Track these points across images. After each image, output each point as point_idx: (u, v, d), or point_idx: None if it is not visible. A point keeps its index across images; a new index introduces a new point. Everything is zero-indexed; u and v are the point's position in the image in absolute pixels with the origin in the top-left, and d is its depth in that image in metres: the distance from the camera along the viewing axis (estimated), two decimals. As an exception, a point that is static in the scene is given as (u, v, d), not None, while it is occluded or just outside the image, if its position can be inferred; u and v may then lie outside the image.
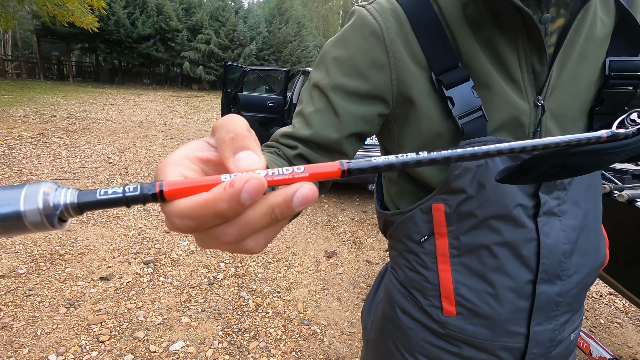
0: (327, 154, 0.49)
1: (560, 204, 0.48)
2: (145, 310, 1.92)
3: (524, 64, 0.45)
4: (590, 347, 1.41)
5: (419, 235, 0.52)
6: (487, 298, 0.49)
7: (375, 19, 0.46)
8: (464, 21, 0.45)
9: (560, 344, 0.54)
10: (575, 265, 0.50)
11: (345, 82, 0.47)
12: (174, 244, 2.66)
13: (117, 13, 14.90)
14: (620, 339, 2.06)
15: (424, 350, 0.55)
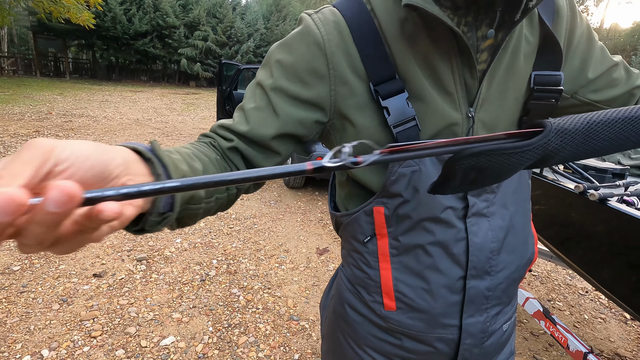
0: (262, 150, 0.50)
1: (489, 206, 0.52)
2: (137, 306, 1.95)
3: (457, 78, 0.48)
4: (568, 341, 1.46)
5: (362, 236, 0.56)
6: (422, 294, 0.53)
7: (319, 29, 0.48)
8: (402, 36, 0.47)
9: (492, 335, 0.58)
10: (503, 262, 0.54)
11: (287, 86, 0.49)
12: (167, 242, 2.69)
13: (113, 9, 14.83)
14: (603, 333, 2.11)
15: (369, 342, 0.59)
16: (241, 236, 2.91)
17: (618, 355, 1.93)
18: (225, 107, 4.70)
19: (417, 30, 0.47)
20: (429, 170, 0.49)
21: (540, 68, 0.52)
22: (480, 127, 0.51)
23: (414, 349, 0.57)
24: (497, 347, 0.60)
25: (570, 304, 2.39)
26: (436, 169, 0.49)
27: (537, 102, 0.51)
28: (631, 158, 1.98)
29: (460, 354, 0.56)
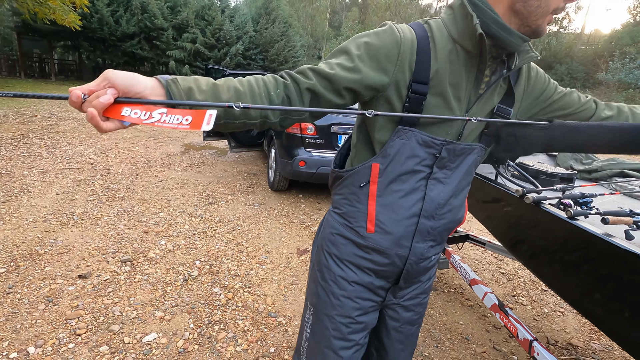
0: (333, 92, 0.72)
1: (446, 177, 0.81)
2: (121, 305, 2.04)
3: (467, 93, 0.77)
4: (517, 331, 1.60)
5: (361, 182, 0.82)
6: (393, 222, 0.81)
7: (400, 34, 0.72)
8: (447, 58, 0.74)
9: (425, 260, 0.88)
10: (444, 214, 0.84)
11: (368, 59, 0.71)
12: (151, 244, 2.77)
13: (100, 11, 14.72)
14: (560, 325, 2.27)
15: (349, 258, 0.88)
16: (224, 238, 3.01)
17: (571, 344, 2.09)
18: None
19: (456, 58, 0.74)
20: (413, 144, 0.76)
21: (502, 103, 0.82)
22: (468, 128, 0.80)
23: (379, 262, 0.85)
24: (424, 270, 0.91)
25: (533, 299, 2.55)
26: (419, 146, 0.77)
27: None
28: (582, 163, 2.15)
29: (406, 267, 0.85)
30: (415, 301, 0.96)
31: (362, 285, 0.88)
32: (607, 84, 14.26)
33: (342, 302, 0.88)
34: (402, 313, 0.95)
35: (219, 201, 3.85)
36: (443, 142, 0.77)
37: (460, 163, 0.81)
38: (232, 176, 4.78)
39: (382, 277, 0.88)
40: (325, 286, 0.90)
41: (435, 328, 2.12)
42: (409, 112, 0.74)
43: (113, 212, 3.28)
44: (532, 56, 0.76)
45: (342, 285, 0.88)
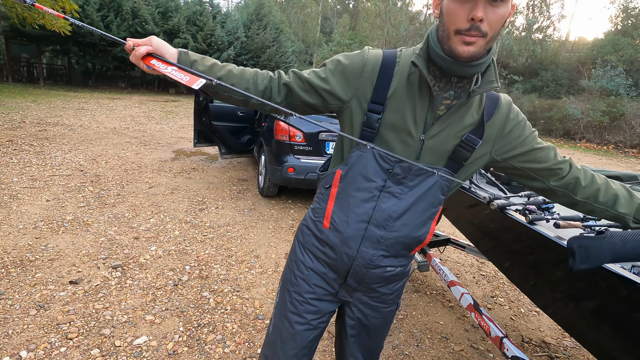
0: (304, 92, 0.89)
1: (402, 193, 0.87)
2: (112, 310, 2.09)
3: (424, 115, 0.83)
4: (490, 329, 1.70)
5: (327, 184, 0.94)
6: (344, 223, 0.91)
7: (367, 57, 0.86)
8: (406, 81, 0.84)
9: (377, 268, 0.93)
10: (397, 227, 0.89)
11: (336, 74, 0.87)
12: (142, 249, 2.83)
13: (90, 16, 14.68)
14: (535, 324, 2.39)
15: (309, 246, 1.01)
16: (214, 243, 3.08)
17: (544, 342, 2.21)
18: (201, 118, 4.86)
19: (414, 81, 0.83)
20: (370, 157, 0.86)
21: (471, 132, 0.86)
22: (427, 149, 0.85)
23: (330, 255, 0.96)
24: (380, 279, 0.96)
25: (510, 299, 2.67)
26: (375, 160, 0.85)
27: (460, 149, 0.86)
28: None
29: (353, 267, 0.93)
30: (373, 308, 1.01)
31: (316, 273, 0.99)
32: (590, 90, 14.67)
33: (299, 282, 1.01)
34: (357, 314, 1.02)
35: (209, 207, 3.91)
36: (397, 160, 0.84)
37: (419, 183, 0.86)
38: (223, 182, 4.84)
39: (334, 271, 0.98)
40: (290, 265, 1.05)
41: (416, 328, 2.22)
42: (365, 127, 0.86)
43: (103, 218, 3.32)
44: (494, 86, 0.80)
45: (301, 268, 1.01)
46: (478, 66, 0.76)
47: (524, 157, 0.91)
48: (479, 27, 0.70)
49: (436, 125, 0.83)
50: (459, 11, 0.70)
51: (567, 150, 12.07)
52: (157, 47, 0.80)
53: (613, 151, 12.64)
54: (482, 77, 0.81)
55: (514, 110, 0.90)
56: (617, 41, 16.17)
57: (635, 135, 12.86)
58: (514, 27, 17.48)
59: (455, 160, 0.87)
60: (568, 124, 14.27)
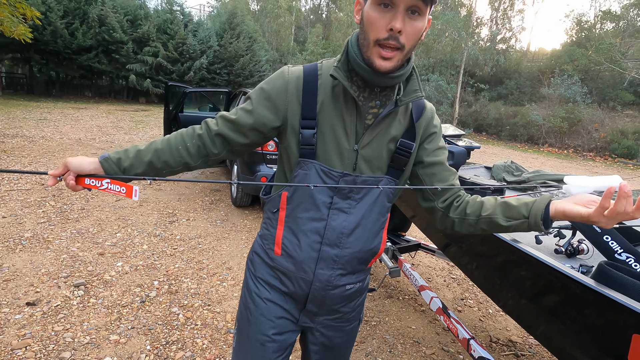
0: (238, 134, 0.86)
1: (350, 208, 0.85)
2: (73, 331, 1.99)
3: (354, 125, 0.83)
4: (457, 331, 1.75)
5: (274, 208, 0.90)
6: (295, 247, 0.87)
7: (287, 76, 0.84)
8: (332, 94, 0.83)
9: (336, 288, 0.90)
10: (350, 243, 0.86)
11: (262, 102, 0.84)
12: (107, 266, 2.71)
13: (53, 23, 14.10)
14: (503, 324, 2.47)
15: (262, 276, 0.94)
16: (184, 256, 2.99)
17: (511, 341, 2.29)
18: (171, 129, 4.76)
19: (339, 93, 0.83)
20: (313, 175, 0.83)
21: (404, 137, 0.87)
22: (362, 159, 0.84)
23: (286, 283, 0.91)
24: (340, 299, 0.93)
25: (479, 301, 2.75)
26: (317, 175, 0.83)
27: (398, 156, 0.87)
28: (513, 175, 2.39)
29: (312, 291, 0.89)
30: (336, 328, 0.97)
31: (275, 304, 0.92)
32: (550, 98, 15.54)
33: (258, 318, 0.92)
34: (320, 338, 0.97)
35: (180, 219, 3.81)
36: (340, 174, 0.82)
37: (365, 194, 0.85)
38: (195, 193, 4.74)
39: (292, 298, 0.92)
40: (245, 302, 0.96)
41: (389, 334, 2.24)
42: (303, 145, 0.83)
43: (66, 234, 3.16)
44: (418, 95, 0.82)
45: (257, 302, 0.92)
46: (398, 77, 0.78)
47: (430, 168, 0.91)
48: (397, 38, 0.71)
49: (367, 134, 0.83)
50: (379, 20, 0.71)
51: (532, 154, 12.68)
52: (76, 166, 0.76)
53: (573, 155, 13.40)
54: (406, 87, 0.83)
55: (436, 119, 0.93)
56: (573, 52, 17.27)
57: (592, 140, 13.71)
58: (480, 38, 18.32)
59: (395, 167, 0.87)
60: (531, 130, 15.02)
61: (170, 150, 0.84)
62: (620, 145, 12.75)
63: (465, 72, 18.07)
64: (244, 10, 20.24)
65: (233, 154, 0.90)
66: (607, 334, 0.95)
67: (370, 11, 0.72)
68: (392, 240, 2.70)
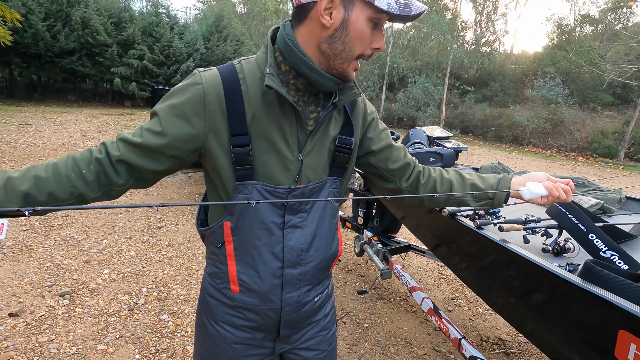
0: (148, 160, 0.70)
1: (302, 221, 0.78)
2: (59, 342, 1.93)
3: (293, 134, 0.74)
4: (449, 331, 1.77)
5: (217, 242, 0.79)
6: (256, 280, 0.78)
7: (203, 84, 0.69)
8: (262, 102, 0.71)
9: (306, 304, 0.85)
10: (311, 257, 0.81)
11: (174, 120, 0.69)
12: (93, 273, 2.65)
13: (35, 25, 13.77)
14: (492, 323, 2.50)
15: (223, 319, 0.83)
16: (173, 262, 2.95)
17: (501, 339, 2.32)
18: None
19: (272, 100, 0.72)
20: (255, 197, 0.73)
21: (343, 134, 0.82)
22: (307, 168, 0.77)
23: (253, 319, 0.82)
24: (311, 312, 0.88)
25: (469, 300, 2.79)
26: (261, 197, 0.73)
27: (339, 154, 0.81)
28: (500, 176, 2.44)
29: (282, 317, 0.82)
30: (316, 340, 0.91)
31: (243, 344, 0.83)
32: (534, 99, 15.91)
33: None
34: (304, 354, 0.90)
35: (168, 224, 3.75)
36: (287, 190, 0.74)
37: (315, 202, 0.79)
38: (183, 198, 4.68)
39: (262, 331, 0.84)
40: (208, 348, 0.86)
41: (381, 336, 2.25)
42: (238, 166, 0.71)
43: (49, 242, 3.08)
44: (356, 93, 0.77)
45: (222, 347, 0.83)
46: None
47: (381, 154, 0.90)
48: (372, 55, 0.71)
49: (309, 141, 0.76)
50: (368, 38, 0.68)
51: (517, 155, 12.93)
52: None
53: (556, 155, 13.72)
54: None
55: (370, 106, 0.89)
56: (554, 55, 17.72)
57: (574, 140, 14.07)
58: (465, 41, 18.64)
59: (338, 166, 0.82)
60: (516, 131, 15.33)
61: (58, 179, 0.65)
62: (601, 145, 13.12)
63: (451, 75, 18.36)
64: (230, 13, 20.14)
65: (145, 182, 0.74)
66: (594, 330, 0.97)
67: (363, 26, 0.66)
68: (382, 242, 2.71)
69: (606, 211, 1.78)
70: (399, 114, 18.01)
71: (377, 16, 0.66)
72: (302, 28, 0.69)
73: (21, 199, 0.62)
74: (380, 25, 0.69)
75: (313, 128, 0.76)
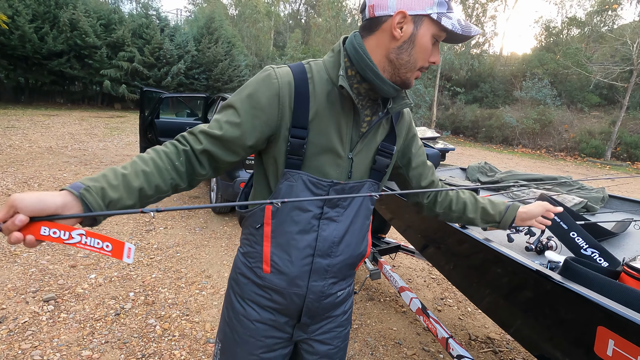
0: (227, 152, 0.77)
1: (339, 215, 0.84)
2: (42, 348, 1.89)
3: (349, 133, 0.81)
4: (437, 330, 1.77)
5: (257, 224, 0.84)
6: (287, 263, 0.83)
7: (278, 80, 0.76)
8: (327, 100, 0.79)
9: (329, 297, 0.90)
10: (341, 251, 0.86)
11: (251, 110, 0.76)
12: (79, 278, 2.60)
13: (22, 27, 13.54)
14: (481, 322, 2.52)
15: (250, 297, 0.89)
16: (162, 266, 2.91)
17: (489, 338, 2.34)
18: (147, 135, 4.64)
19: (335, 100, 0.79)
20: (300, 186, 0.80)
21: (385, 141, 0.89)
22: (355, 165, 0.84)
23: (278, 301, 0.87)
24: (332, 306, 0.93)
25: (458, 299, 2.80)
26: (305, 187, 0.79)
27: (380, 158, 0.88)
28: (487, 175, 2.46)
29: (306, 304, 0.87)
30: (331, 335, 0.96)
31: (265, 324, 0.89)
32: (523, 100, 16.13)
33: (246, 340, 0.89)
34: (317, 347, 0.95)
35: (157, 227, 3.71)
36: (330, 183, 0.80)
37: (352, 200, 0.84)
38: (172, 200, 4.64)
39: (284, 315, 0.89)
40: (230, 323, 0.92)
41: (370, 336, 2.25)
42: (291, 155, 0.78)
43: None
44: (407, 103, 0.83)
45: (245, 324, 0.89)
46: None
47: (417, 170, 0.97)
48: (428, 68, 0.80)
49: (360, 142, 0.83)
50: (429, 52, 0.76)
51: (507, 155, 13.09)
52: (33, 210, 0.52)
53: (545, 155, 13.92)
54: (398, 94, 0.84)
55: (413, 122, 0.97)
56: (542, 56, 17.99)
57: (563, 140, 14.29)
58: (454, 43, 18.83)
59: (377, 169, 0.88)
60: (506, 132, 15.51)
61: (159, 172, 0.70)
62: (588, 145, 13.35)
63: (442, 76, 18.52)
64: (222, 15, 20.07)
65: (219, 172, 0.81)
66: (574, 327, 0.98)
67: (427, 41, 0.75)
68: (372, 242, 2.72)
69: (590, 209, 1.81)
70: (391, 115, 18.06)
71: (440, 34, 0.75)
72: (372, 38, 0.77)
73: (137, 194, 0.66)
74: (438, 42, 0.77)
75: (366, 130, 0.83)
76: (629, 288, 0.88)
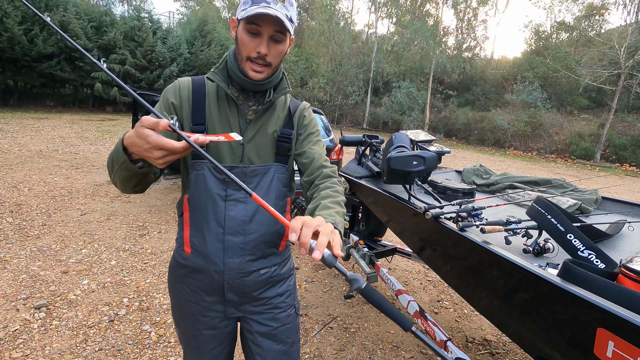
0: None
1: (246, 196, 0.94)
2: (34, 357, 1.85)
3: (237, 122, 0.96)
4: (435, 333, 1.77)
5: (180, 212, 0.99)
6: (202, 243, 0.95)
7: (178, 83, 0.97)
8: (216, 98, 0.97)
9: (250, 274, 0.98)
10: (253, 229, 0.95)
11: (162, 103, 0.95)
12: (72, 284, 2.56)
13: (11, 29, 13.35)
14: (477, 324, 2.53)
15: (180, 279, 1.00)
16: (156, 271, 2.88)
17: (486, 340, 2.34)
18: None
19: (222, 96, 0.97)
20: (206, 173, 0.93)
21: (284, 127, 1.02)
22: (249, 151, 0.96)
23: (200, 279, 0.97)
24: (259, 284, 1.00)
25: (455, 302, 2.81)
26: (211, 174, 0.92)
27: (280, 143, 1.00)
28: (482, 178, 2.48)
29: (226, 281, 0.96)
30: (267, 316, 1.02)
31: (197, 304, 0.99)
32: (514, 103, 16.33)
33: (185, 317, 1.01)
34: (255, 326, 1.02)
35: (151, 232, 3.67)
36: (228, 167, 0.92)
37: (258, 182, 0.95)
38: (166, 204, 4.59)
39: (210, 294, 0.98)
40: (175, 304, 1.04)
41: (368, 340, 2.24)
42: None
43: (25, 252, 2.96)
44: (287, 91, 1.00)
45: (183, 304, 1.01)
46: (267, 84, 0.95)
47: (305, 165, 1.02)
48: (264, 58, 0.89)
49: (250, 128, 0.96)
50: (249, 43, 0.88)
51: (499, 157, 13.23)
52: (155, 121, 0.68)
53: (536, 157, 14.10)
54: (278, 86, 0.99)
55: (311, 113, 1.09)
56: (532, 60, 18.26)
57: (553, 142, 14.50)
58: (447, 46, 19.01)
59: (281, 153, 1.00)
60: (498, 134, 15.69)
61: None
62: (578, 147, 13.56)
63: (435, 79, 18.69)
64: (215, 18, 20.04)
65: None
66: (573, 329, 0.99)
67: (243, 35, 0.88)
68: (368, 245, 2.72)
69: (583, 211, 1.83)
70: (384, 118, 18.19)
71: (249, 26, 0.86)
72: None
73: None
74: (261, 35, 0.87)
75: (252, 118, 0.97)
76: (627, 289, 0.89)
